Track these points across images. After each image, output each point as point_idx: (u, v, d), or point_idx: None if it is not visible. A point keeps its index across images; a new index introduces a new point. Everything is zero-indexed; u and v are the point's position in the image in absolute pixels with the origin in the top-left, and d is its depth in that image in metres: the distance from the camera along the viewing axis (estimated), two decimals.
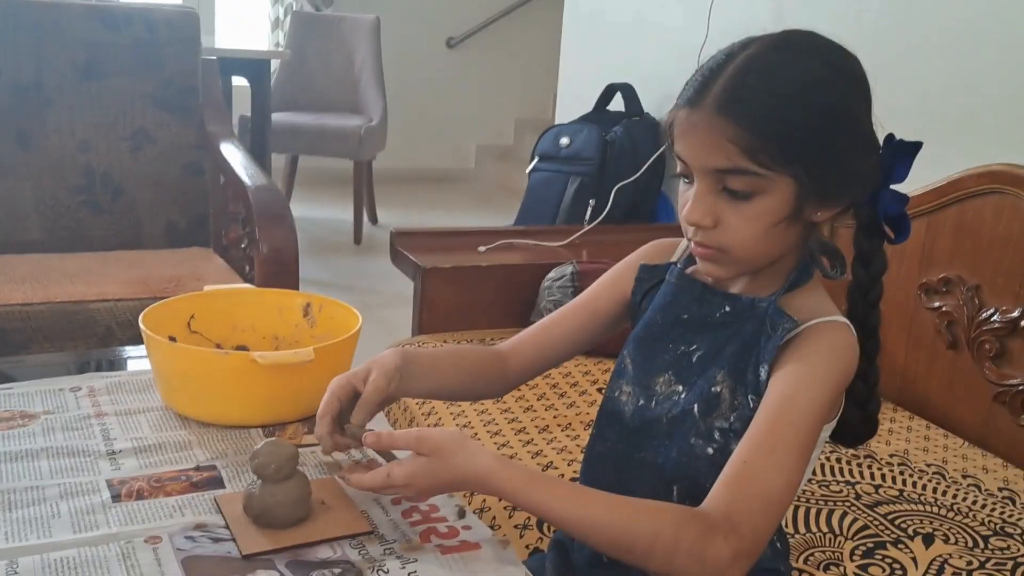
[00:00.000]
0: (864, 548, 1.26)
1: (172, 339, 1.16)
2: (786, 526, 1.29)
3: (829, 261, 0.95)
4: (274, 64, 4.62)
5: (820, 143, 0.84)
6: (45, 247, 2.21)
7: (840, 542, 1.27)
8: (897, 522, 1.33)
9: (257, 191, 2.08)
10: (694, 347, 0.95)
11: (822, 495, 1.39)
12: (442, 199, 5.44)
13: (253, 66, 3.59)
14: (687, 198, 0.89)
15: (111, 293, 1.91)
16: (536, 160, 2.59)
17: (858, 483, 1.43)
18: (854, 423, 0.96)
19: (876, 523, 1.32)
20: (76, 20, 2.26)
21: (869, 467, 1.49)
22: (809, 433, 0.86)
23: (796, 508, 1.34)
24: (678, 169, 0.90)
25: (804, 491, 1.39)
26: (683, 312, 0.97)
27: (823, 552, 1.24)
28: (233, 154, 2.29)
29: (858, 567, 1.21)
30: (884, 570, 1.21)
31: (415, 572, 0.83)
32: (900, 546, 1.27)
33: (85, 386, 1.20)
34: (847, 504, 1.37)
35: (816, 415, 0.86)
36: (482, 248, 2.14)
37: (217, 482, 0.99)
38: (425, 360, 1.00)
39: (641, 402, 0.97)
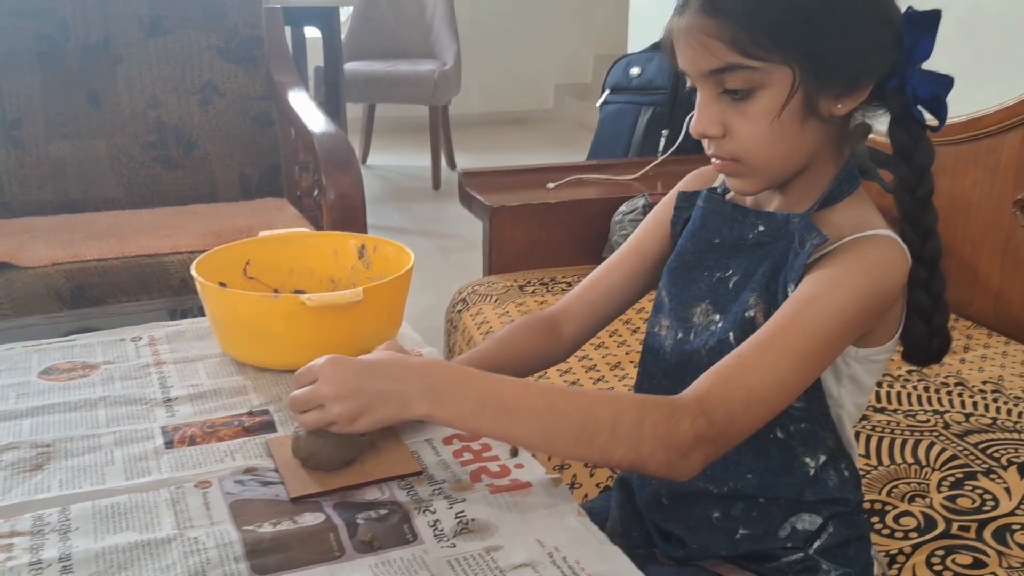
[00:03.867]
0: (953, 479, 1.19)
1: (223, 285, 1.15)
2: (868, 457, 1.23)
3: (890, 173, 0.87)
4: (347, 14, 4.60)
5: (811, 22, 0.78)
6: (123, 204, 2.25)
7: (927, 473, 1.20)
8: (989, 451, 1.25)
9: (322, 138, 2.07)
10: (730, 272, 0.89)
11: (908, 425, 1.31)
12: (521, 141, 5.38)
13: (323, 15, 3.58)
14: None
15: (185, 245, 1.94)
16: (607, 92, 2.51)
17: (947, 412, 1.35)
18: (921, 339, 0.88)
19: (966, 453, 1.24)
20: None
21: (960, 395, 1.40)
22: (824, 340, 0.78)
23: (880, 439, 1.27)
24: (688, 84, 0.86)
25: (889, 421, 1.32)
26: (714, 236, 0.91)
27: (908, 484, 1.18)
28: (300, 103, 2.28)
29: (946, 498, 1.14)
30: (974, 501, 1.14)
31: (463, 512, 0.80)
32: (992, 476, 1.19)
33: (146, 336, 1.20)
34: (935, 434, 1.29)
35: (838, 323, 0.78)
36: (551, 185, 2.08)
37: (269, 426, 0.98)
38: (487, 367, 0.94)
39: (680, 335, 0.92)
